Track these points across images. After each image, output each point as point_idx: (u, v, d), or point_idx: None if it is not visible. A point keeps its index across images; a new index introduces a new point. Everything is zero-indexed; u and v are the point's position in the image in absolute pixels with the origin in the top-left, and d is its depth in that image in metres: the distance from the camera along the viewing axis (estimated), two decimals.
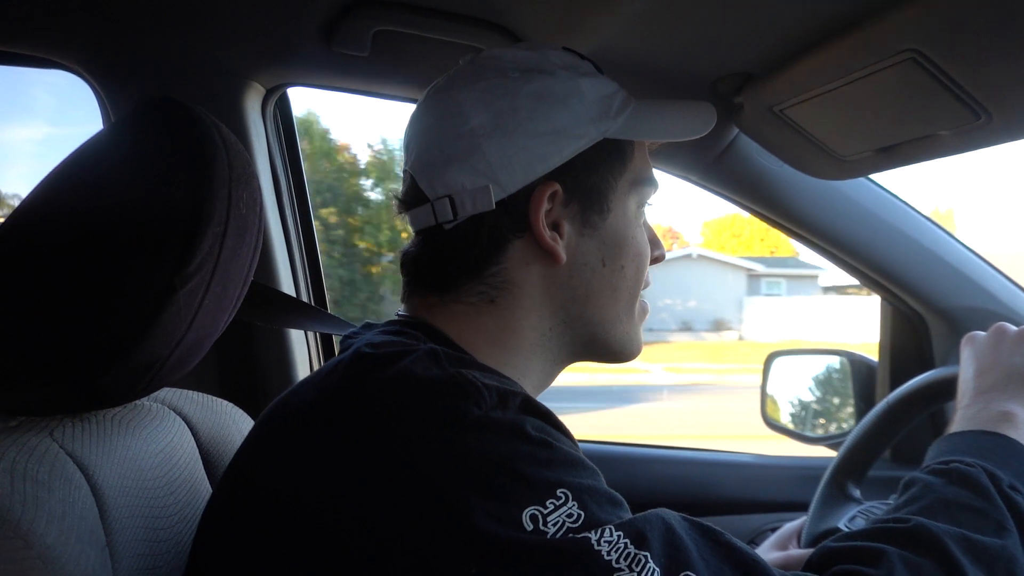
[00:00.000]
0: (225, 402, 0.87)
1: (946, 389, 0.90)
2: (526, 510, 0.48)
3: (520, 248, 0.66)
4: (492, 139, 0.64)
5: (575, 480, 0.51)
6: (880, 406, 0.96)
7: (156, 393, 0.79)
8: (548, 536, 0.47)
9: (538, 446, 0.52)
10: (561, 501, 0.49)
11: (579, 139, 0.65)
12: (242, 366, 1.16)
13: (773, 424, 1.50)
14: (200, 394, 0.85)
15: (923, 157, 0.94)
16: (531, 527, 0.47)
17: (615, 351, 0.71)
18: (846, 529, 0.93)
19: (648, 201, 0.72)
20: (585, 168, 0.66)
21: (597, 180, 0.67)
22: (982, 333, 0.81)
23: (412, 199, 0.69)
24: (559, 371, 0.72)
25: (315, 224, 1.27)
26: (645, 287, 0.73)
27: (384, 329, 0.66)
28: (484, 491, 0.48)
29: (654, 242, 0.74)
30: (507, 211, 0.65)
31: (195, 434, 0.79)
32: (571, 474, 0.51)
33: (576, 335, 0.69)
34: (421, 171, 0.68)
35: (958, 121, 0.82)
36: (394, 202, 0.72)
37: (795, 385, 1.54)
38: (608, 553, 0.48)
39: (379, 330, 0.66)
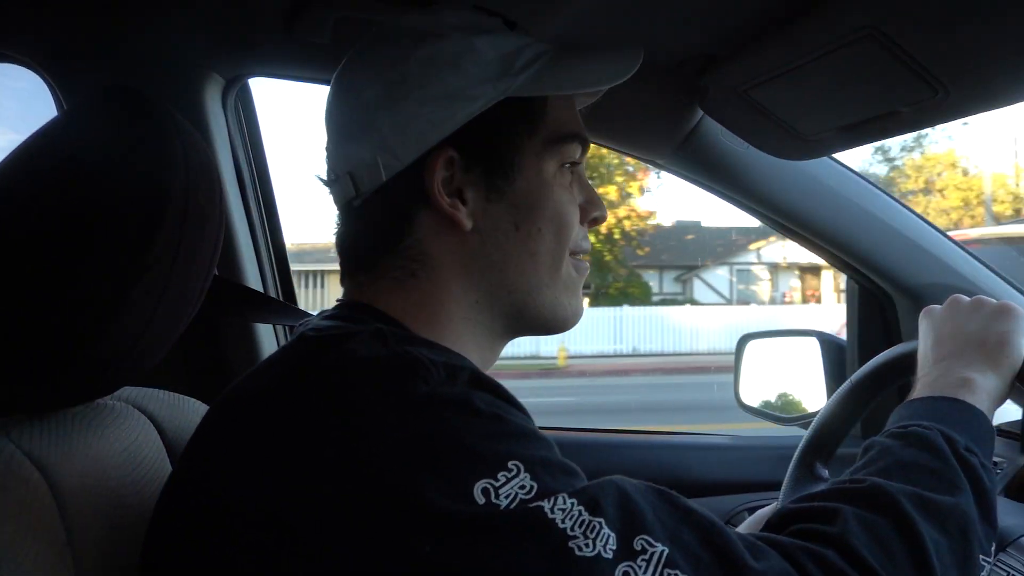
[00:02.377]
0: (192, 400, 0.86)
1: (908, 364, 0.91)
2: (477, 484, 0.48)
3: (428, 218, 0.65)
4: (383, 111, 0.64)
5: (527, 452, 0.51)
6: (844, 385, 0.96)
7: (120, 392, 0.77)
8: (501, 508, 0.47)
9: (488, 419, 0.52)
10: (513, 473, 0.49)
11: (474, 101, 0.64)
12: (210, 363, 1.14)
13: (747, 407, 1.51)
14: (166, 392, 0.84)
15: (884, 134, 0.95)
16: (483, 500, 0.47)
17: (546, 319, 0.69)
18: None
19: (574, 159, 0.69)
20: (486, 130, 0.65)
21: (499, 142, 0.66)
22: (939, 307, 0.82)
23: (329, 179, 0.69)
24: (501, 345, 0.71)
25: None
26: (579, 252, 0.71)
27: (329, 313, 0.66)
28: (434, 468, 0.48)
29: (592, 202, 0.72)
30: (408, 181, 0.64)
31: (161, 432, 0.77)
32: (522, 446, 0.51)
33: (503, 305, 0.68)
34: (330, 150, 0.68)
35: (917, 97, 0.83)
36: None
37: (768, 367, 1.55)
38: (562, 521, 0.48)
39: (325, 315, 0.66)
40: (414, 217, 0.65)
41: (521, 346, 12.67)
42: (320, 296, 16.95)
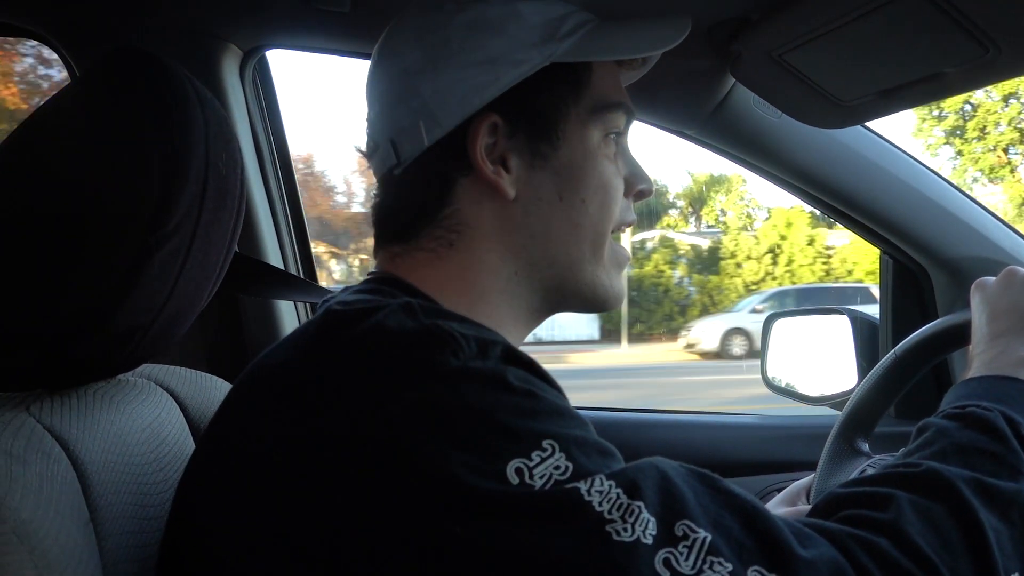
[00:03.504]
0: (214, 377, 0.85)
1: (956, 336, 0.88)
2: (511, 463, 0.45)
3: (469, 186, 0.63)
4: (425, 76, 0.62)
5: (562, 431, 0.48)
6: (888, 358, 0.94)
7: (141, 369, 0.76)
8: (535, 489, 0.45)
9: (521, 396, 0.49)
10: (548, 452, 0.46)
11: (519, 65, 0.62)
12: (230, 341, 1.13)
13: (775, 386, 1.48)
14: (188, 370, 0.83)
15: (927, 98, 0.91)
16: (517, 481, 0.45)
17: (587, 297, 0.68)
18: None
19: (618, 129, 0.68)
20: (530, 96, 0.63)
21: (544, 107, 0.64)
22: (991, 279, 0.79)
23: (370, 148, 0.67)
24: (536, 322, 0.69)
25: None
26: (623, 226, 0.70)
27: (356, 288, 0.64)
28: (465, 444, 0.46)
29: (637, 175, 0.70)
30: (448, 149, 0.62)
31: (184, 410, 0.76)
32: (558, 424, 0.49)
33: (543, 278, 0.66)
34: (371, 118, 0.67)
35: (965, 56, 0.78)
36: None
37: (796, 346, 1.52)
38: (600, 504, 0.45)
39: (352, 290, 0.64)
40: (454, 185, 0.63)
41: None
42: None
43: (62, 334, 0.56)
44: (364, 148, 0.69)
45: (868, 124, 1.16)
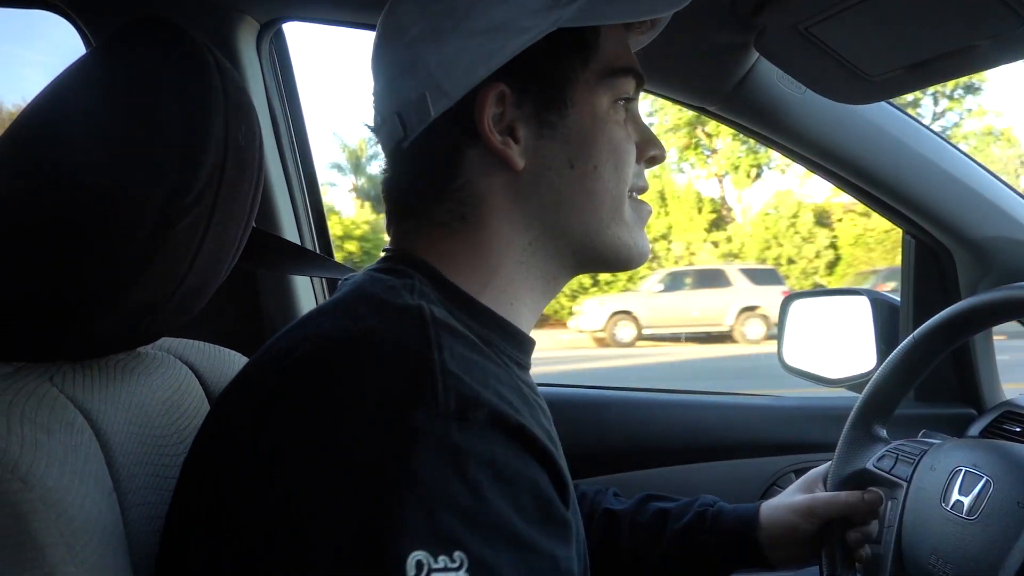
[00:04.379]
0: (231, 351, 0.85)
1: (976, 319, 0.86)
2: (416, 553, 0.42)
3: (477, 158, 0.62)
4: (429, 46, 0.61)
5: (481, 551, 0.44)
6: (906, 342, 0.92)
7: (160, 342, 0.76)
8: None
9: (467, 491, 0.45)
10: (454, 565, 0.43)
11: (525, 32, 0.60)
12: (247, 315, 1.13)
13: (792, 368, 1.47)
14: (206, 344, 0.83)
15: (956, 72, 0.89)
16: (412, 573, 0.42)
17: (609, 258, 0.67)
18: (874, 469, 0.90)
19: (628, 94, 0.66)
20: (537, 63, 0.62)
21: (551, 74, 0.62)
22: None
23: (377, 123, 0.66)
24: (556, 288, 0.68)
25: None
26: (638, 191, 0.69)
27: (378, 267, 0.63)
28: (386, 507, 0.43)
29: (648, 140, 0.69)
30: (456, 119, 0.61)
31: (203, 383, 0.76)
32: (483, 541, 0.44)
33: (558, 246, 0.65)
34: (377, 92, 0.65)
35: (1000, 28, 0.77)
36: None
37: (814, 327, 1.51)
38: None
39: (373, 268, 0.64)
40: (463, 157, 0.62)
41: None
42: None
43: (83, 305, 0.55)
44: (371, 123, 0.68)
45: (892, 100, 1.13)
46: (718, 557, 0.87)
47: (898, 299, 1.38)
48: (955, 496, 0.79)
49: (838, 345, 1.46)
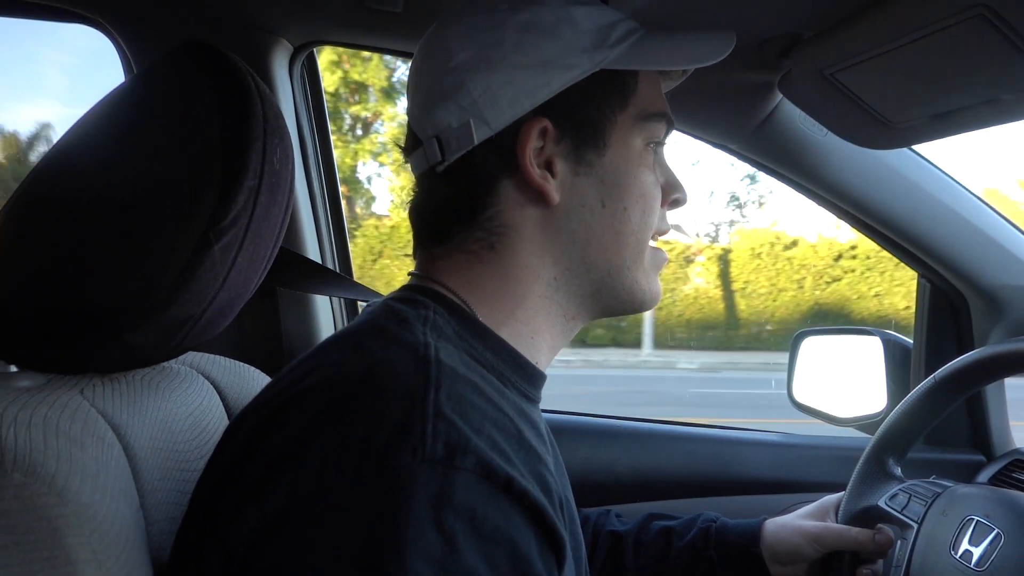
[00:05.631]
0: (252, 368, 0.86)
1: (998, 366, 0.87)
2: None
3: (512, 189, 0.63)
4: (477, 74, 0.62)
5: None
6: (927, 382, 0.92)
7: (183, 357, 0.77)
8: None
9: (441, 539, 0.44)
10: None
11: (570, 70, 0.62)
12: (266, 332, 1.13)
13: (801, 404, 1.47)
14: (228, 359, 0.83)
15: (979, 124, 0.90)
16: None
17: (625, 300, 0.68)
18: (885, 507, 0.90)
19: (659, 139, 0.68)
20: (579, 102, 0.63)
21: (592, 114, 0.64)
22: None
23: (410, 144, 0.67)
24: (572, 330, 0.69)
25: None
26: (659, 234, 0.70)
27: (397, 296, 0.64)
28: (358, 550, 0.43)
29: (673, 184, 0.70)
30: (496, 149, 0.62)
31: (223, 399, 0.77)
32: None
33: (581, 284, 0.66)
34: (415, 113, 0.66)
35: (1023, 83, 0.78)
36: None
37: (825, 366, 1.51)
38: None
39: (393, 296, 0.64)
40: (498, 187, 0.63)
41: None
42: None
43: (120, 321, 0.57)
44: (404, 144, 0.69)
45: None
46: (723, 572, 0.88)
47: (910, 341, 1.38)
48: (965, 545, 0.79)
49: (848, 384, 1.46)
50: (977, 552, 0.77)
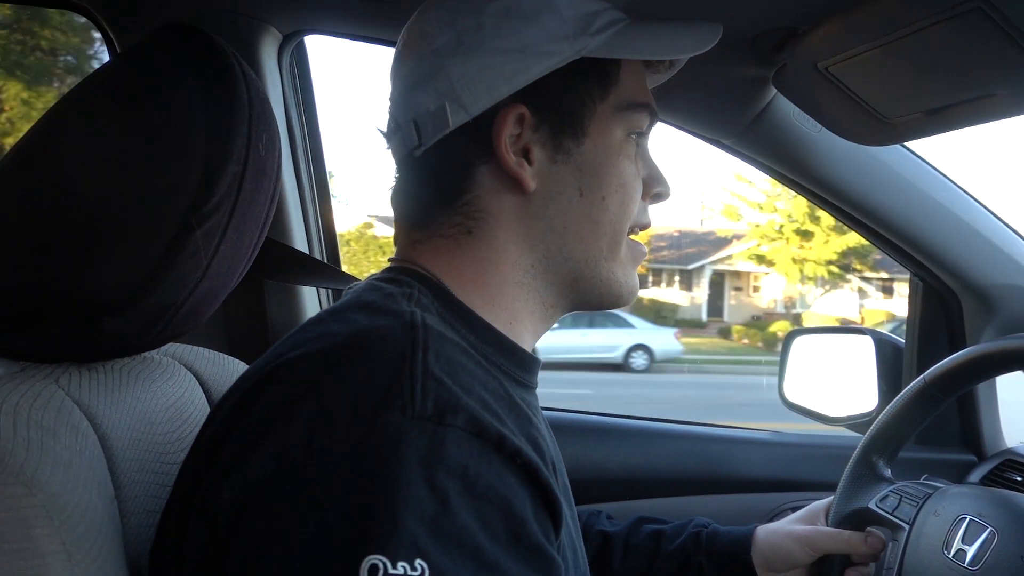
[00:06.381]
0: (235, 360, 0.84)
1: (989, 365, 0.86)
2: (371, 557, 0.41)
3: (489, 175, 0.63)
4: (455, 58, 0.61)
5: (444, 562, 0.42)
6: (916, 382, 0.92)
7: (165, 347, 0.76)
8: None
9: (434, 497, 0.43)
10: (416, 574, 0.41)
11: (549, 57, 0.61)
12: (252, 323, 1.12)
13: (792, 404, 1.46)
14: (210, 351, 0.82)
15: (974, 120, 0.89)
16: None
17: (602, 292, 0.67)
18: (876, 509, 0.90)
19: (640, 129, 0.67)
20: (558, 89, 0.62)
21: (571, 102, 0.63)
22: None
23: (391, 129, 0.66)
24: (552, 319, 0.68)
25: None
26: (639, 227, 0.69)
27: (380, 276, 0.63)
28: (350, 508, 0.42)
29: (656, 178, 0.70)
30: (472, 134, 0.62)
31: (206, 390, 0.76)
32: (446, 552, 0.43)
33: (559, 273, 0.65)
34: (395, 98, 0.66)
35: (1019, 79, 0.77)
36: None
37: (816, 365, 1.50)
38: None
39: (375, 276, 0.64)
40: (475, 172, 0.63)
41: None
42: None
43: (99, 308, 0.55)
44: (384, 128, 0.68)
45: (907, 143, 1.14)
46: None
47: (902, 340, 1.38)
48: (958, 544, 0.78)
49: (839, 383, 1.46)
50: (971, 551, 0.76)
